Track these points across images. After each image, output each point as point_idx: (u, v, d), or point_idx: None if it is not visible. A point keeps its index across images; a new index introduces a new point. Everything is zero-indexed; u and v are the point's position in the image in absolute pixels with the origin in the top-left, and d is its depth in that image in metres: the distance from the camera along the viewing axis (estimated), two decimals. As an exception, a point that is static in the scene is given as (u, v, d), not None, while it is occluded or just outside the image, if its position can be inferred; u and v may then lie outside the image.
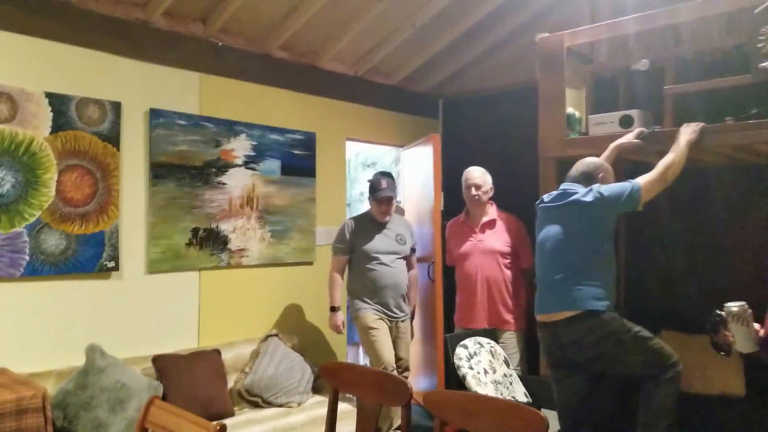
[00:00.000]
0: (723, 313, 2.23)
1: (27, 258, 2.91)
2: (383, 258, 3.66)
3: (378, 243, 3.69)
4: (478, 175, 3.69)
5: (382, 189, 3.64)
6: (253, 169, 3.91)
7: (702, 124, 2.67)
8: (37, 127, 2.97)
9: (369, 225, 3.75)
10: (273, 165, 4.04)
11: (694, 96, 2.87)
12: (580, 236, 2.59)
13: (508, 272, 3.60)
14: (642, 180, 2.56)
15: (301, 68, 4.28)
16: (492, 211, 3.71)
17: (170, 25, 3.55)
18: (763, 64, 2.48)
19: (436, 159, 4.24)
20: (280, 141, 4.09)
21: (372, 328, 3.58)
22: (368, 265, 3.65)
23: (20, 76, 2.95)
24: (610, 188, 2.58)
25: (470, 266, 3.66)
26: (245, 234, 3.84)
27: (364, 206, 6.50)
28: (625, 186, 2.56)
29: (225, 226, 3.73)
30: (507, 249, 3.61)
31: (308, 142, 4.27)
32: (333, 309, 3.72)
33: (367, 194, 3.84)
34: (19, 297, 2.92)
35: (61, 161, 3.04)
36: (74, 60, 3.15)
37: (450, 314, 3.92)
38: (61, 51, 3.11)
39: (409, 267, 3.84)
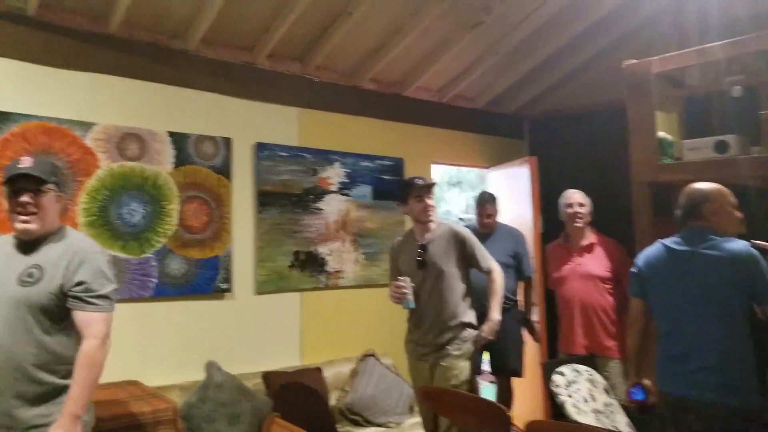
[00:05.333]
0: None
1: (155, 280, 3.27)
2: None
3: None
4: (579, 195, 3.64)
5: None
6: (346, 195, 4.15)
7: None
8: (161, 163, 3.34)
9: None
10: (365, 190, 4.26)
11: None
12: (726, 298, 2.30)
13: (609, 298, 3.48)
14: None
15: (388, 98, 4.50)
16: (591, 235, 3.62)
17: (272, 66, 3.88)
18: None
19: (534, 182, 4.32)
20: (371, 167, 4.31)
21: None
22: None
23: (148, 119, 3.35)
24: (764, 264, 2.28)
25: (568, 290, 3.59)
26: (341, 256, 4.08)
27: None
28: None
29: (322, 249, 3.98)
30: (607, 274, 3.51)
31: (396, 167, 4.46)
32: None
33: (453, 213, 3.96)
34: (148, 315, 3.28)
35: (182, 193, 3.40)
36: (191, 101, 3.52)
37: (555, 339, 3.85)
38: (181, 94, 3.49)
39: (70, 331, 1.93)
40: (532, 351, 4.11)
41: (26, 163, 1.90)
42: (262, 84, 3.83)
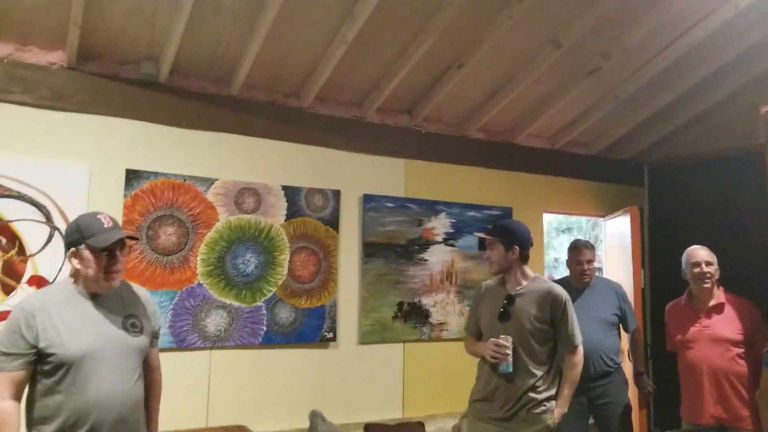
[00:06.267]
0: None
1: (264, 328, 3.41)
2: (95, 362, 1.87)
3: (87, 332, 1.90)
4: (705, 253, 3.30)
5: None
6: (452, 245, 4.10)
7: None
8: (275, 215, 3.51)
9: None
10: (470, 241, 4.19)
11: None
12: None
13: (742, 362, 3.14)
14: None
15: (497, 146, 4.43)
16: (719, 294, 3.29)
17: (381, 119, 3.97)
18: None
19: (635, 233, 4.08)
20: (478, 217, 4.24)
21: None
22: (73, 377, 1.84)
23: (263, 174, 3.54)
24: None
25: (695, 355, 3.26)
26: (445, 308, 4.01)
27: (559, 273, 6.34)
28: None
29: (426, 301, 3.95)
30: (738, 337, 3.16)
31: (505, 217, 4.34)
32: None
33: (562, 260, 3.70)
34: (256, 362, 3.41)
35: (293, 244, 3.54)
36: (304, 156, 3.69)
37: (669, 405, 3.53)
38: (294, 149, 3.66)
39: (150, 370, 2.12)
40: (635, 415, 3.77)
41: (110, 222, 1.95)
42: (371, 137, 3.93)
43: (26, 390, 1.86)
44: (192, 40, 3.10)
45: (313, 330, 3.54)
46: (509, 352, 2.51)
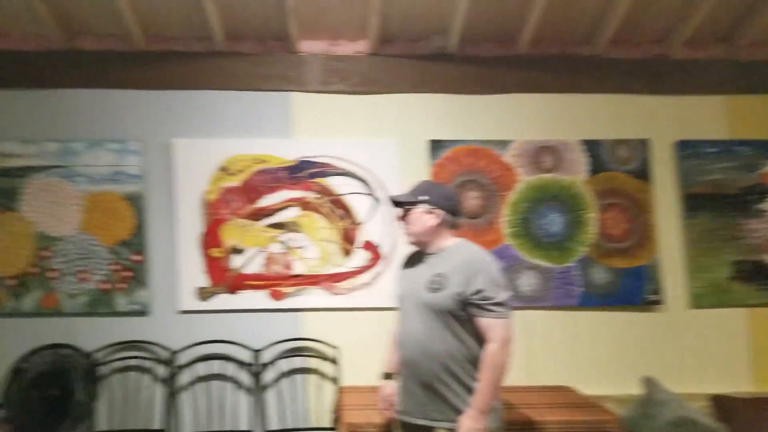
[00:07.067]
0: None
1: (580, 289, 3.22)
2: (405, 307, 2.19)
3: (407, 281, 2.23)
4: None
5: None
6: (802, 191, 3.33)
7: None
8: (576, 172, 3.30)
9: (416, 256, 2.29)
10: (829, 184, 3.34)
11: None
12: None
13: None
14: None
15: None
16: None
17: (689, 54, 3.46)
18: None
19: None
20: (836, 155, 3.37)
21: None
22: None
23: (559, 130, 3.36)
24: None
25: None
26: (802, 267, 3.26)
27: None
28: None
29: (774, 259, 3.27)
30: None
31: None
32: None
33: None
34: (574, 324, 3.24)
35: (599, 201, 3.27)
36: (601, 106, 3.40)
37: None
38: (590, 100, 3.40)
39: (474, 334, 2.05)
40: None
41: (410, 188, 2.23)
42: (679, 75, 3.44)
43: None
44: (477, 5, 3.11)
45: (633, 292, 3.22)
46: None
